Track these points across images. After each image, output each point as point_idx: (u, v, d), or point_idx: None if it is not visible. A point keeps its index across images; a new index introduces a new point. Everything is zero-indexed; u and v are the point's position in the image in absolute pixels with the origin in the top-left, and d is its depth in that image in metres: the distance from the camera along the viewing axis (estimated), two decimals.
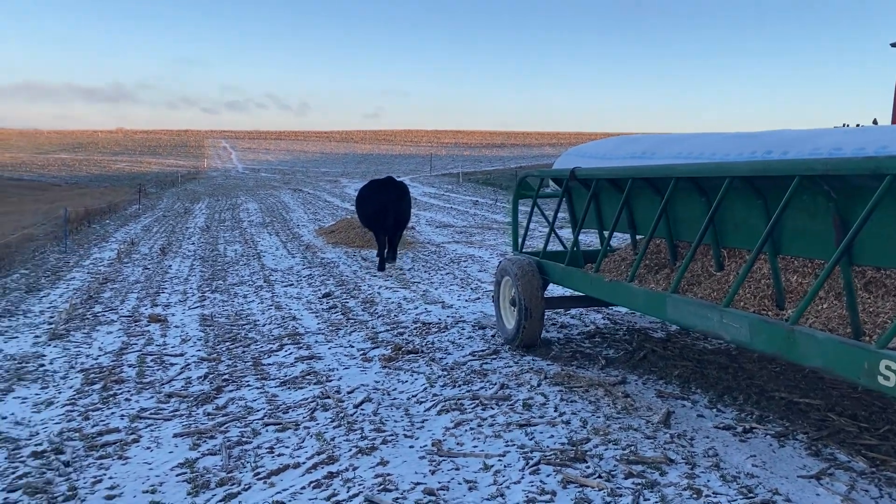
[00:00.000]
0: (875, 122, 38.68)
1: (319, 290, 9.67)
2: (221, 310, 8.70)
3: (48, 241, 15.93)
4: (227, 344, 6.88)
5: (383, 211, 11.40)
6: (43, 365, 6.30)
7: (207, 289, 10.12)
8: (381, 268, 11.61)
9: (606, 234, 5.69)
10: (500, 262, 7.07)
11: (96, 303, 9.35)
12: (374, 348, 6.47)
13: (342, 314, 8.04)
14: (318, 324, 7.63)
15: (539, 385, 5.04)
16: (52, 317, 8.60)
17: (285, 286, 10.10)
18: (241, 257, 13.12)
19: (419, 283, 9.85)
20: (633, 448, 3.91)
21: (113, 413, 4.95)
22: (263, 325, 7.70)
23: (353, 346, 6.60)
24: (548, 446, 4.00)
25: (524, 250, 7.09)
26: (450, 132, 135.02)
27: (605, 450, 3.91)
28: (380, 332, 7.05)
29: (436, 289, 9.37)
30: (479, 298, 8.57)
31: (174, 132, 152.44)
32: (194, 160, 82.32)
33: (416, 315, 7.73)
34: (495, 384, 5.14)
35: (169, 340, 7.14)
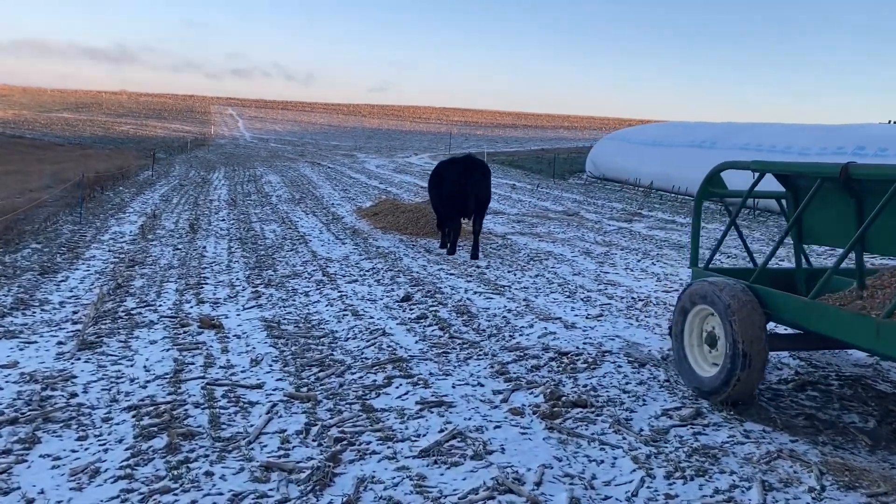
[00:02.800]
0: None
1: (393, 289, 8.07)
2: (284, 312, 7.10)
3: (60, 209, 14.25)
4: (315, 370, 5.28)
5: (463, 193, 9.82)
6: (75, 394, 4.70)
7: (258, 281, 8.51)
8: (452, 251, 10.21)
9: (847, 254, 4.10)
10: (688, 283, 5.47)
11: (127, 294, 7.74)
12: (513, 390, 4.88)
13: (440, 329, 6.44)
14: (417, 342, 6.03)
15: (820, 489, 3.44)
16: (75, 311, 7.00)
17: (350, 282, 8.49)
18: (283, 241, 11.48)
19: (510, 286, 8.25)
20: None
21: None
22: (347, 340, 6.10)
23: (481, 384, 5.01)
24: None
25: (706, 266, 5.47)
26: (458, 110, 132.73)
27: None
28: (506, 363, 5.45)
29: (536, 296, 7.77)
30: (601, 315, 6.97)
31: (179, 97, 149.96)
32: (200, 126, 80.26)
33: (539, 337, 6.13)
34: (745, 479, 3.55)
35: (234, 359, 5.54)
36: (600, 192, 21.68)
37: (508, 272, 9.13)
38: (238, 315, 7.00)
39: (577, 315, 6.99)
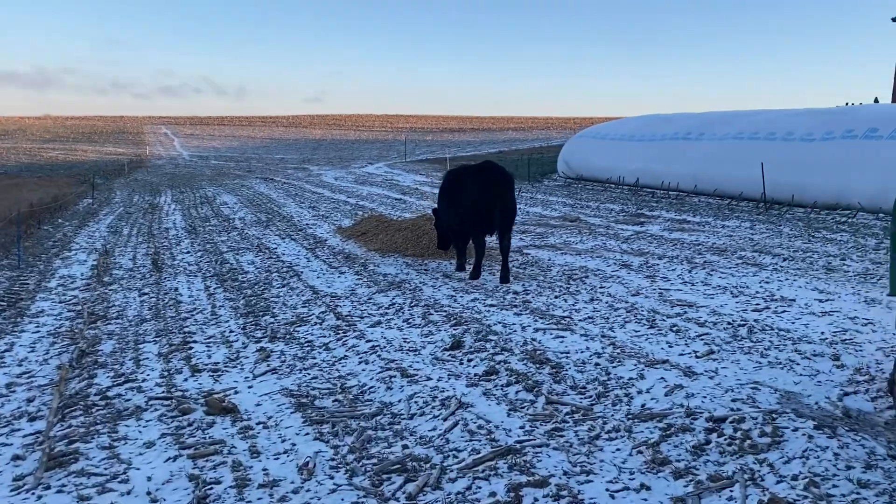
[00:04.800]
0: (876, 100, 37.06)
1: (431, 332, 6.53)
2: (309, 378, 5.49)
3: None
4: (397, 480, 3.70)
5: (489, 206, 8.35)
6: None
7: (258, 332, 6.85)
8: (477, 275, 8.86)
9: None
10: None
11: (97, 365, 6.01)
12: (699, 495, 3.41)
13: (526, 389, 4.93)
14: (510, 414, 4.51)
15: None
16: (30, 399, 5.27)
17: (373, 325, 6.90)
18: (268, 274, 9.79)
19: (571, 317, 6.80)
20: None
21: None
22: (414, 419, 4.54)
23: (646, 486, 3.53)
24: None
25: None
26: (402, 117, 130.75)
27: None
28: (654, 443, 3.98)
29: (612, 330, 6.33)
30: (712, 353, 5.56)
31: (108, 118, 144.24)
32: (135, 147, 76.66)
33: (667, 394, 4.68)
34: None
35: (274, 468, 3.92)
36: (585, 193, 20.47)
37: (555, 297, 7.67)
38: (251, 388, 5.35)
39: (682, 354, 5.56)
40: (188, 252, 12.09)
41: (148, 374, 5.76)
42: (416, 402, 4.84)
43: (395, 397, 4.97)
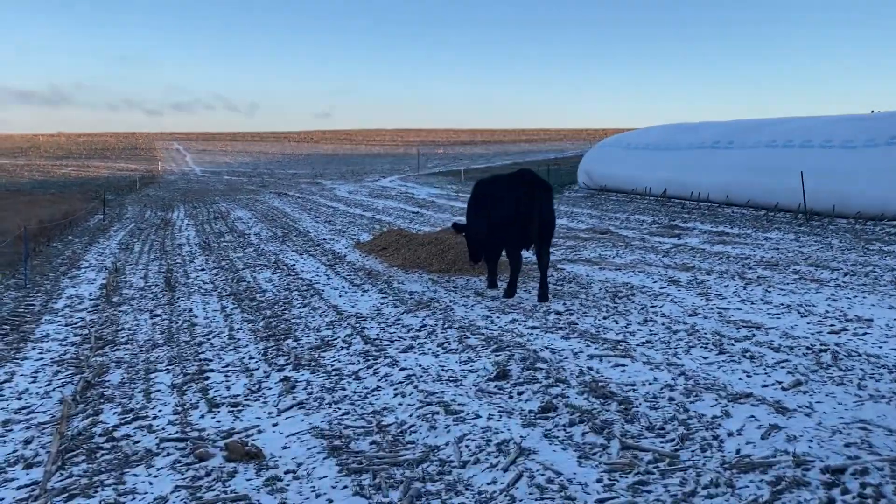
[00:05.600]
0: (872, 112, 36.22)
1: (470, 358, 5.88)
2: (340, 414, 4.85)
3: None
4: None
5: (527, 218, 7.72)
6: None
7: (281, 359, 6.22)
8: (512, 292, 8.23)
9: None
10: None
11: (103, 399, 5.40)
12: None
13: (594, 431, 4.26)
14: (583, 463, 3.84)
15: None
16: (28, 441, 4.66)
17: (404, 350, 6.26)
18: (288, 293, 9.17)
19: (627, 341, 6.13)
20: None
21: None
22: (467, 467, 3.88)
23: None
24: None
25: None
26: (413, 130, 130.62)
27: None
28: (765, 502, 3.30)
29: (677, 356, 5.66)
30: (800, 384, 4.87)
31: (121, 135, 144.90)
32: (146, 163, 76.61)
33: (763, 438, 4.00)
34: None
35: None
36: (610, 204, 19.79)
37: (604, 318, 7.00)
38: (276, 427, 4.71)
39: (765, 386, 4.88)
40: (202, 269, 11.50)
41: (160, 410, 5.13)
42: (467, 446, 4.18)
43: (441, 439, 4.31)
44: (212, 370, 6.04)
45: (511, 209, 7.89)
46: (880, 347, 5.64)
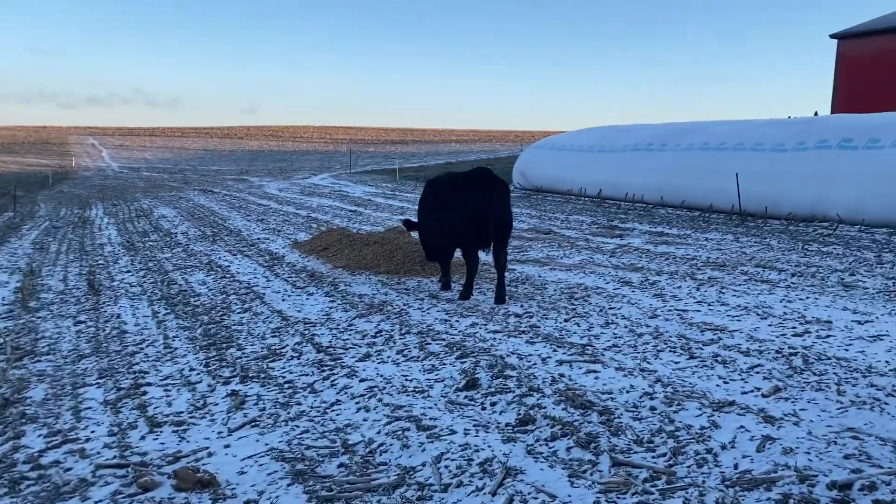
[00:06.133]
0: (816, 113, 37.82)
1: (434, 366, 5.54)
2: (299, 432, 4.43)
3: None
4: None
5: (483, 217, 7.45)
6: None
7: (225, 371, 5.73)
8: (468, 294, 7.92)
9: None
10: None
11: (25, 419, 4.81)
12: None
13: (580, 446, 4.00)
14: (575, 484, 3.57)
15: None
16: None
17: (361, 359, 5.87)
18: (225, 296, 8.60)
19: (594, 345, 5.91)
20: None
21: None
22: (456, 496, 3.55)
23: None
24: None
25: None
26: (341, 128, 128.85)
27: None
28: None
29: (647, 361, 5.47)
30: (779, 390, 4.74)
31: (30, 129, 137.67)
32: (60, 159, 72.91)
33: (759, 451, 3.81)
34: None
35: None
36: (547, 204, 19.76)
37: (565, 321, 6.78)
38: (228, 448, 4.25)
39: (745, 393, 4.72)
40: (128, 271, 10.75)
41: (93, 431, 4.59)
42: (446, 466, 3.83)
43: (416, 459, 3.96)
44: (149, 384, 5.49)
45: (467, 208, 7.60)
46: (847, 350, 5.59)
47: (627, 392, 4.77)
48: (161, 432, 4.52)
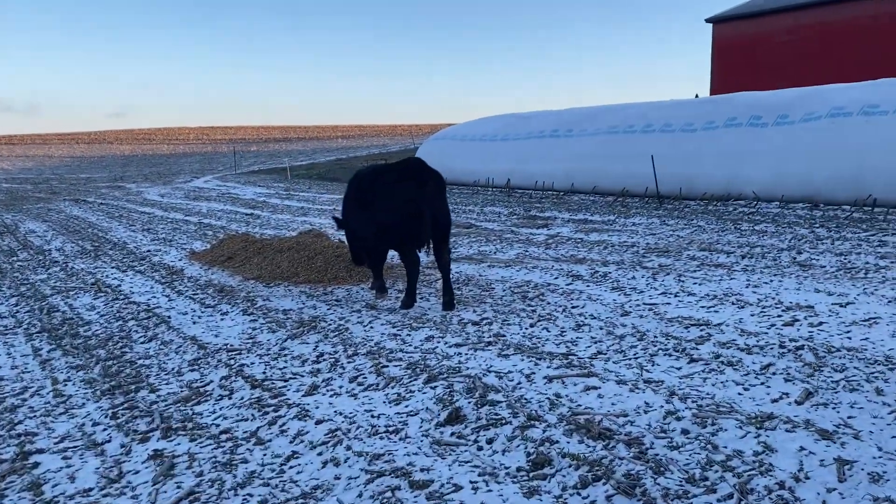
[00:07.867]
0: (696, 95, 39.17)
1: (399, 394, 4.64)
2: None
3: None
4: None
5: (417, 213, 6.59)
6: None
7: (141, 422, 4.58)
8: (411, 301, 7.04)
9: None
10: None
11: None
12: None
13: (624, 493, 3.22)
14: None
15: None
16: None
17: (309, 393, 4.88)
18: (122, 322, 7.30)
19: (576, 355, 5.18)
20: None
21: None
22: None
23: None
24: None
25: None
26: (219, 128, 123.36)
27: None
28: None
29: (644, 368, 4.79)
30: (810, 395, 4.15)
31: None
32: None
33: (847, 483, 3.17)
34: None
35: None
36: (457, 197, 19.05)
37: (530, 326, 6.03)
38: None
39: (774, 401, 4.10)
40: None
41: None
42: None
43: None
44: (40, 450, 4.28)
45: (401, 203, 6.72)
46: (850, 339, 5.13)
47: (645, 412, 4.04)
48: None
